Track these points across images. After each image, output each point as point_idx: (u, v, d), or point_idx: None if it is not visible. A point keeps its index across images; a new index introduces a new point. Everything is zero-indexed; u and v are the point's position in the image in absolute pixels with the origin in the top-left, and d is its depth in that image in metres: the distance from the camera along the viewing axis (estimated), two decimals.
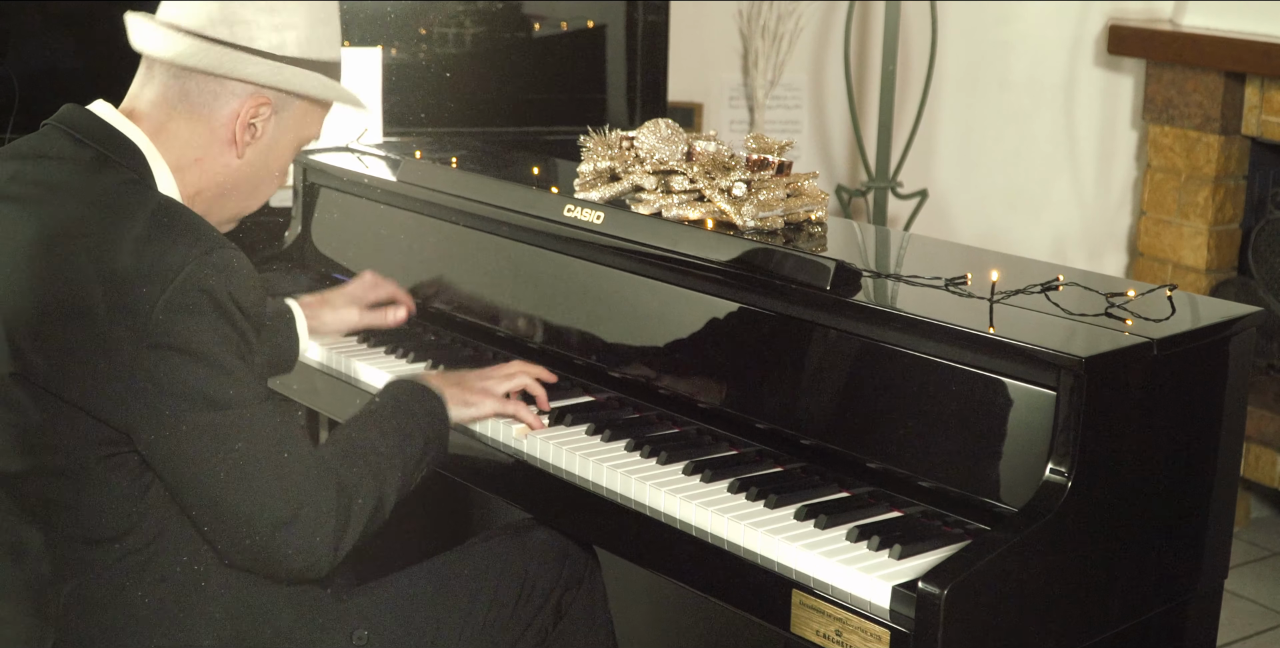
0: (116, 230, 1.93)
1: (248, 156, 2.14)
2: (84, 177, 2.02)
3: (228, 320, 1.93)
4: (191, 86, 2.09)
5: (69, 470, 1.97)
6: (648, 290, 2.51)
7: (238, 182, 2.16)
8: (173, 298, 1.89)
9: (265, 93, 2.12)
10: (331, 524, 2.00)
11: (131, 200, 1.98)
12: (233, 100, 2.10)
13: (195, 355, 1.91)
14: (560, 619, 2.36)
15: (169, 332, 1.90)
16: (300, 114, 2.18)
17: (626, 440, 2.39)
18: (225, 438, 1.93)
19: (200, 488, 1.95)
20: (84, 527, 1.99)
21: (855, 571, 1.97)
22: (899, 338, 2.16)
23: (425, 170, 2.97)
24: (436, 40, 4.49)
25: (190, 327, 1.91)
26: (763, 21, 5.59)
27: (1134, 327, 2.11)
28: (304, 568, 2.00)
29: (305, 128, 2.21)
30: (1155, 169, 4.62)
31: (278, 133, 2.16)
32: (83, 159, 2.04)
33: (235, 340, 1.95)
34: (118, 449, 1.96)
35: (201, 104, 2.09)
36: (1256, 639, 3.76)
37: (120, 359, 1.90)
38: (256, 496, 1.95)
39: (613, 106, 4.71)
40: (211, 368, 1.92)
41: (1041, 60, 5.09)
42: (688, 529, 2.17)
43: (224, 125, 2.11)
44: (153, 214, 1.96)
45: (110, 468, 1.97)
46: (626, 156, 2.65)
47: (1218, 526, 2.28)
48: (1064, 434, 1.97)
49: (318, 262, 3.25)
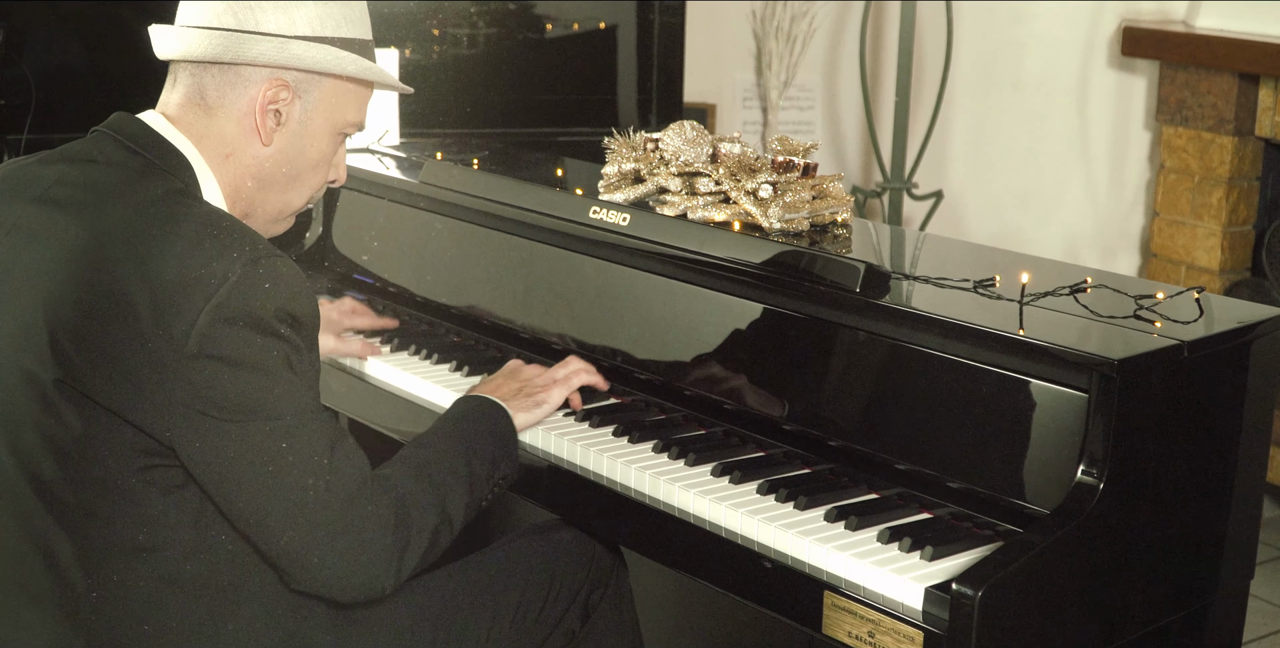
0: (163, 238, 1.91)
1: (277, 144, 2.10)
2: (132, 183, 2.00)
3: (273, 331, 1.90)
4: (208, 81, 2.07)
5: (105, 480, 1.95)
6: (674, 292, 2.52)
7: (272, 172, 2.12)
8: (218, 308, 1.87)
9: (282, 75, 2.07)
10: (390, 540, 1.98)
11: (178, 209, 1.96)
12: (249, 87, 2.07)
13: (239, 366, 1.88)
14: (587, 620, 2.36)
15: (214, 342, 1.87)
16: (329, 95, 2.13)
17: (654, 442, 2.40)
18: (272, 449, 1.90)
19: (247, 501, 1.92)
20: (117, 537, 1.97)
21: (887, 572, 1.98)
22: (928, 340, 2.16)
23: (447, 172, 2.98)
24: (449, 41, 4.50)
25: (235, 337, 1.88)
26: (776, 22, 5.59)
27: (1163, 329, 2.12)
28: (364, 585, 1.97)
29: (338, 111, 2.15)
30: (1169, 170, 4.62)
31: (305, 117, 2.11)
32: (131, 166, 2.02)
33: (283, 350, 1.92)
34: (157, 461, 1.94)
35: (220, 96, 2.07)
36: (1272, 639, 3.77)
37: (163, 369, 1.87)
38: (305, 508, 1.92)
39: (624, 108, 4.71)
40: (256, 378, 1.89)
41: (1055, 61, 5.09)
42: (717, 531, 2.18)
43: (246, 115, 2.08)
44: (200, 223, 1.93)
45: (147, 481, 1.95)
46: (651, 158, 2.65)
47: (1243, 527, 2.28)
48: (1096, 436, 1.98)
49: (338, 263, 3.26)
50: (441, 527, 2.08)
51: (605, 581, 2.39)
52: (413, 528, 2.02)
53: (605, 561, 2.40)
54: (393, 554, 1.99)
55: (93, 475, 1.95)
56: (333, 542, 1.94)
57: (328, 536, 1.94)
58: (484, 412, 2.34)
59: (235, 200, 2.12)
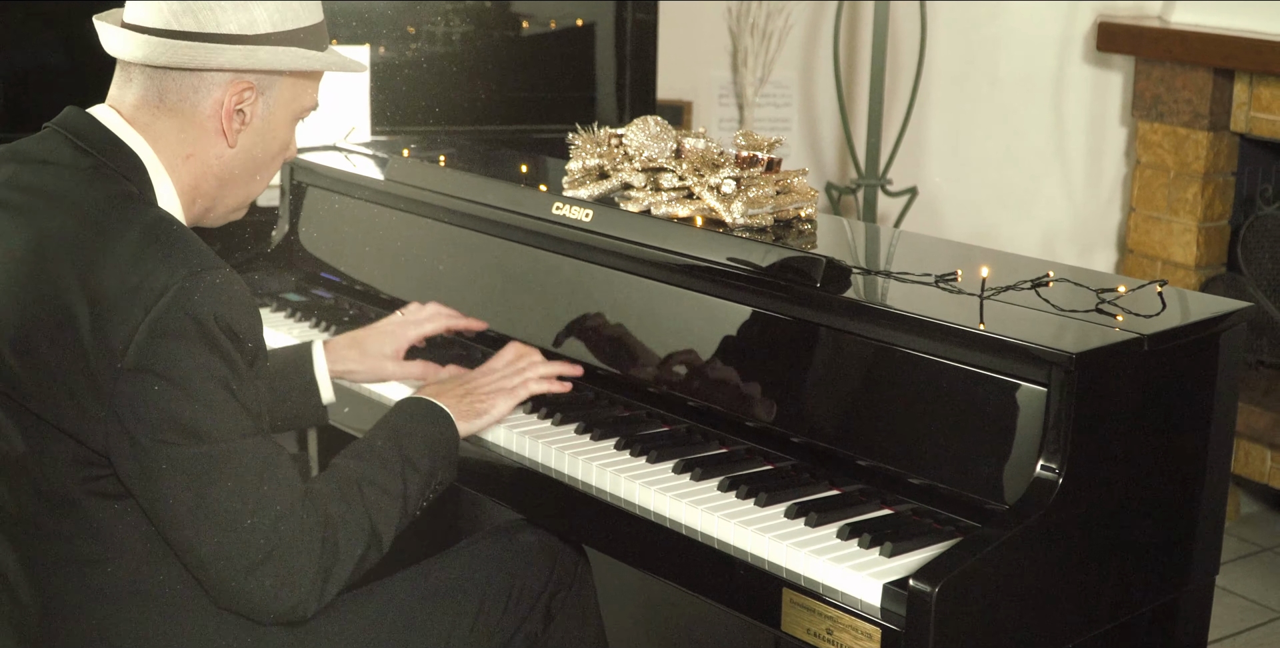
0: (106, 246, 1.87)
1: (241, 143, 2.07)
2: (80, 186, 1.96)
3: (214, 346, 1.86)
4: (169, 84, 2.03)
5: (49, 493, 1.92)
6: (637, 288, 2.50)
7: (235, 169, 2.09)
8: (157, 321, 1.83)
9: (246, 77, 2.04)
10: (315, 564, 1.94)
11: (125, 215, 1.92)
12: (214, 90, 2.03)
13: (175, 383, 1.84)
14: (551, 621, 2.34)
15: (151, 356, 1.83)
16: (290, 87, 2.10)
17: (616, 439, 2.38)
18: (201, 473, 1.87)
19: (175, 522, 1.89)
20: (63, 550, 1.95)
21: (846, 568, 1.96)
22: (889, 335, 2.15)
23: (413, 169, 2.96)
24: (425, 38, 4.49)
25: (173, 352, 1.84)
26: (752, 19, 5.58)
27: (1125, 322, 2.11)
28: (288, 609, 1.94)
29: (298, 100, 2.13)
30: (1144, 166, 4.61)
31: (268, 113, 2.09)
32: (81, 167, 1.99)
33: (220, 368, 1.87)
34: (100, 472, 1.91)
35: (182, 100, 2.03)
36: (1247, 635, 3.76)
37: (101, 381, 1.84)
38: (230, 534, 1.88)
39: (602, 105, 4.71)
40: (192, 397, 1.85)
41: (1031, 57, 5.08)
42: (678, 528, 2.16)
43: (210, 117, 2.04)
44: (143, 232, 1.89)
45: (92, 492, 1.92)
46: (615, 154, 2.64)
47: (1209, 521, 2.27)
48: (1055, 431, 1.97)
49: (305, 262, 3.24)
50: (370, 550, 2.05)
51: (569, 582, 2.37)
52: (340, 554, 1.99)
53: (569, 562, 2.38)
54: (316, 582, 1.95)
55: (37, 489, 1.92)
56: (257, 569, 1.90)
57: (251, 563, 1.90)
58: (425, 417, 2.30)
59: (194, 199, 2.09)
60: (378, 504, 2.07)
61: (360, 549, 2.02)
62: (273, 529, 1.90)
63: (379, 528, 2.06)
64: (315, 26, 2.12)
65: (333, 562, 1.97)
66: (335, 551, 1.98)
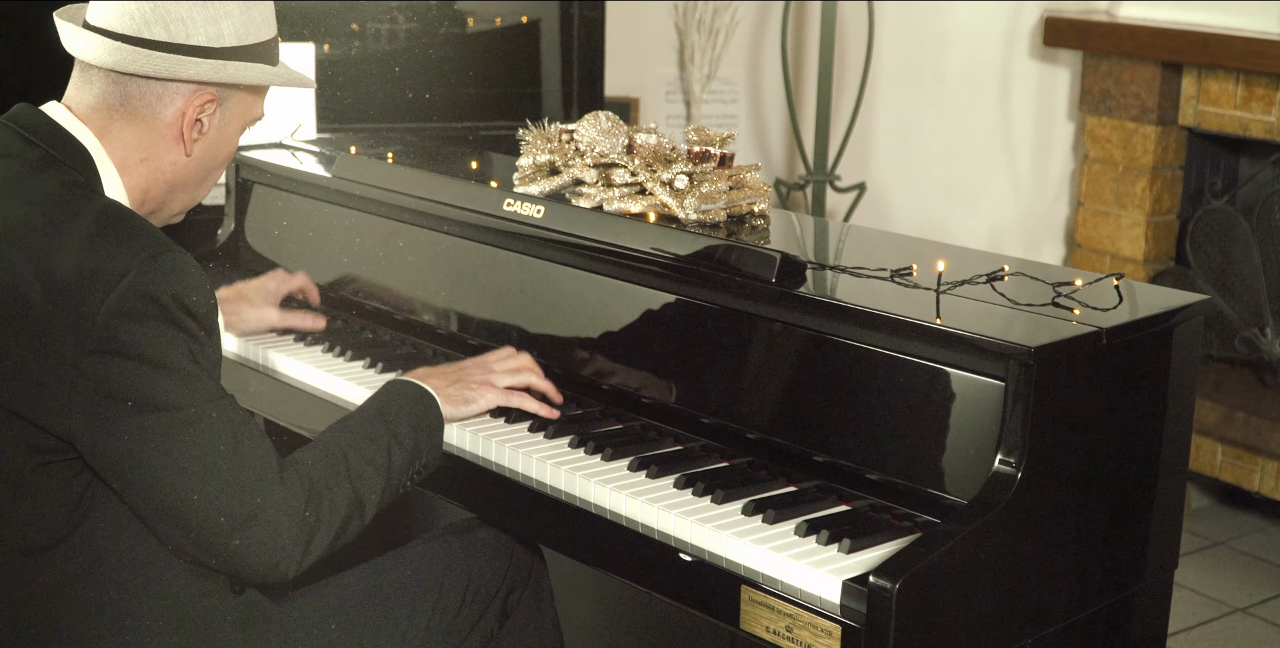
0: (58, 234, 1.89)
1: (195, 152, 2.10)
2: (28, 176, 1.98)
3: (175, 324, 1.89)
4: (133, 90, 2.04)
5: (2, 478, 1.92)
6: (590, 285, 2.48)
7: (187, 176, 2.12)
8: (117, 303, 1.85)
9: (209, 88, 2.07)
10: (297, 524, 1.96)
11: (75, 203, 1.94)
12: (177, 99, 2.06)
13: (141, 360, 1.86)
14: (506, 620, 2.33)
15: (114, 337, 1.85)
16: (244, 99, 2.14)
17: (570, 437, 2.36)
18: (175, 437, 1.88)
19: (154, 490, 1.90)
20: (12, 536, 1.94)
21: (805, 566, 1.95)
22: (845, 330, 2.14)
23: (361, 166, 2.93)
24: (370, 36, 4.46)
25: (135, 332, 1.86)
26: (699, 16, 5.57)
27: (1082, 316, 2.10)
28: (268, 568, 1.95)
29: (250, 111, 2.17)
30: (1092, 160, 4.62)
31: (223, 123, 2.12)
32: (29, 158, 2.00)
33: (184, 342, 1.90)
34: (54, 457, 1.91)
35: (144, 106, 2.05)
36: (1201, 630, 3.77)
37: (62, 365, 1.85)
38: (213, 494, 1.90)
39: (548, 101, 4.70)
40: (158, 371, 1.87)
41: (977, 53, 5.09)
42: (634, 526, 2.14)
43: (170, 125, 2.07)
44: (96, 218, 1.91)
45: (46, 476, 1.92)
46: (566, 150, 2.62)
47: (1166, 515, 2.27)
48: (1013, 425, 1.96)
49: (252, 260, 3.20)
50: (353, 515, 2.06)
51: (524, 581, 2.36)
52: (322, 515, 2.00)
53: (524, 560, 2.37)
54: (298, 541, 1.96)
55: None
56: (242, 527, 1.91)
57: (235, 521, 1.91)
58: (412, 398, 2.30)
59: (143, 202, 2.11)
60: (361, 473, 2.09)
61: (343, 514, 2.03)
62: (255, 488, 1.92)
63: (362, 496, 2.07)
64: (272, 40, 2.17)
65: (314, 525, 1.99)
66: (317, 513, 1.99)
